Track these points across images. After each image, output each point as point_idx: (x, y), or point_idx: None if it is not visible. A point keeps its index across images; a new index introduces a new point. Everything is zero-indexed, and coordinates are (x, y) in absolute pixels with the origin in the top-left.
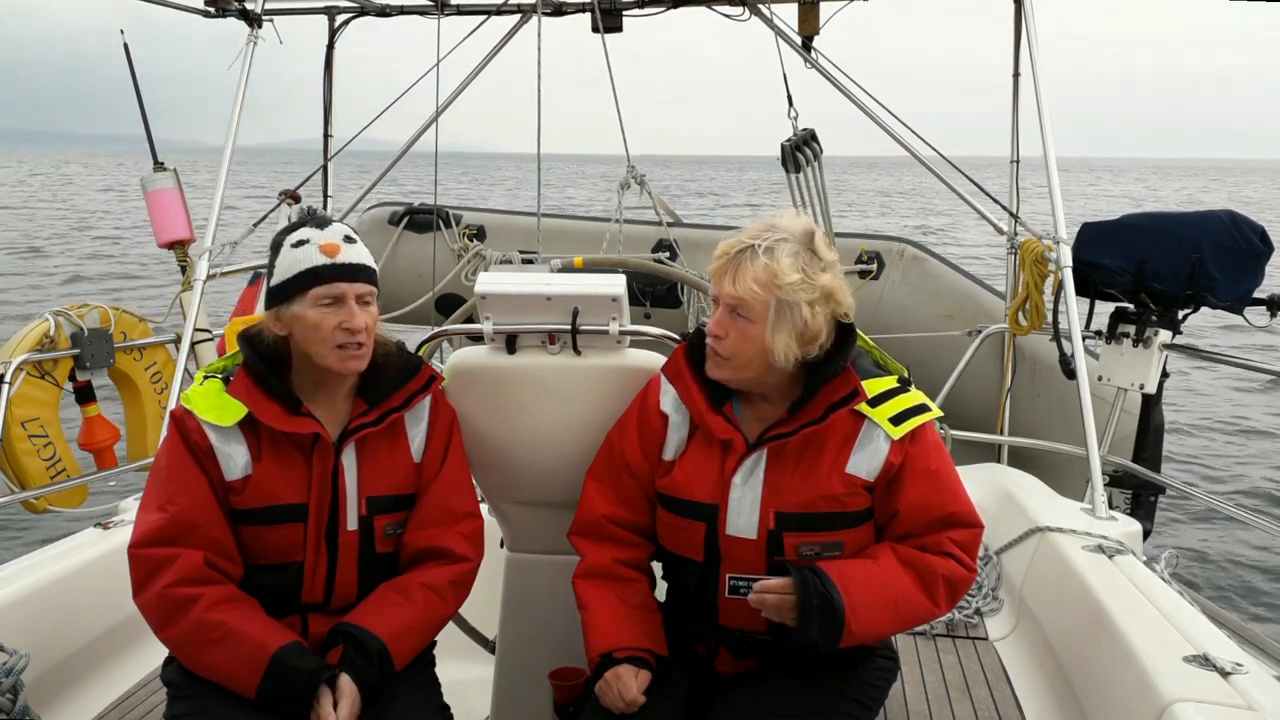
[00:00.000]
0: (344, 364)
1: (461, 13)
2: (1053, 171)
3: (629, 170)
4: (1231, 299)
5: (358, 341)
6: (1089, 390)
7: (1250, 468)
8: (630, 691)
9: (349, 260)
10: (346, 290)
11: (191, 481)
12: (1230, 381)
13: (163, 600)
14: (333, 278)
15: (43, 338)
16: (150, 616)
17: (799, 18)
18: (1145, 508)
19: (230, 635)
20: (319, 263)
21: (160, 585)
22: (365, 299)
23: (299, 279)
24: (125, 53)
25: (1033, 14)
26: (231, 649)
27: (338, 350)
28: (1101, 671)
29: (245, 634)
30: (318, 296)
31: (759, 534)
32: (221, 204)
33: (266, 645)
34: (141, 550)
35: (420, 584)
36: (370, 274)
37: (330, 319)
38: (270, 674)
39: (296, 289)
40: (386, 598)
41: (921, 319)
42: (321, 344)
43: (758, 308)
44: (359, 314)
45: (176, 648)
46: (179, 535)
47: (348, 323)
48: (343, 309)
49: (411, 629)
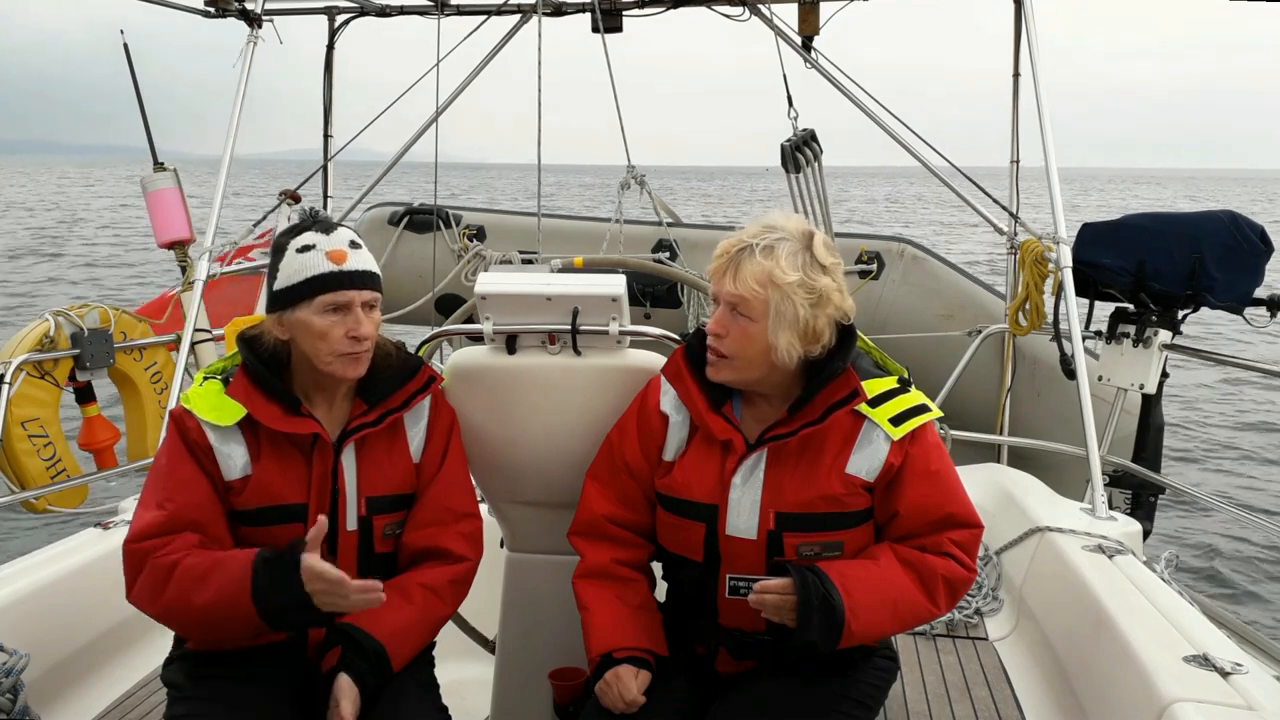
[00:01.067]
0: (347, 370)
1: (462, 13)
2: (1053, 171)
3: (629, 170)
4: (1231, 299)
5: (364, 349)
6: (1089, 390)
7: (1250, 468)
8: (630, 692)
9: (356, 267)
10: (354, 298)
11: (190, 480)
12: (1230, 382)
13: (151, 571)
14: (340, 285)
15: (43, 338)
16: (142, 596)
17: (799, 18)
18: (1145, 508)
19: (213, 567)
20: (326, 270)
21: (150, 560)
22: (370, 305)
23: (305, 285)
24: (125, 53)
25: (1033, 14)
26: (217, 575)
27: (342, 357)
28: (1101, 671)
29: (226, 557)
30: (324, 304)
31: (759, 534)
32: (221, 204)
33: (247, 554)
34: (136, 544)
35: (419, 584)
36: (375, 280)
37: (338, 327)
38: (257, 573)
39: (302, 295)
40: (390, 599)
41: (921, 319)
42: (327, 351)
43: (758, 306)
44: (365, 322)
45: (169, 609)
46: (176, 531)
47: (354, 330)
48: (349, 316)
49: (410, 629)
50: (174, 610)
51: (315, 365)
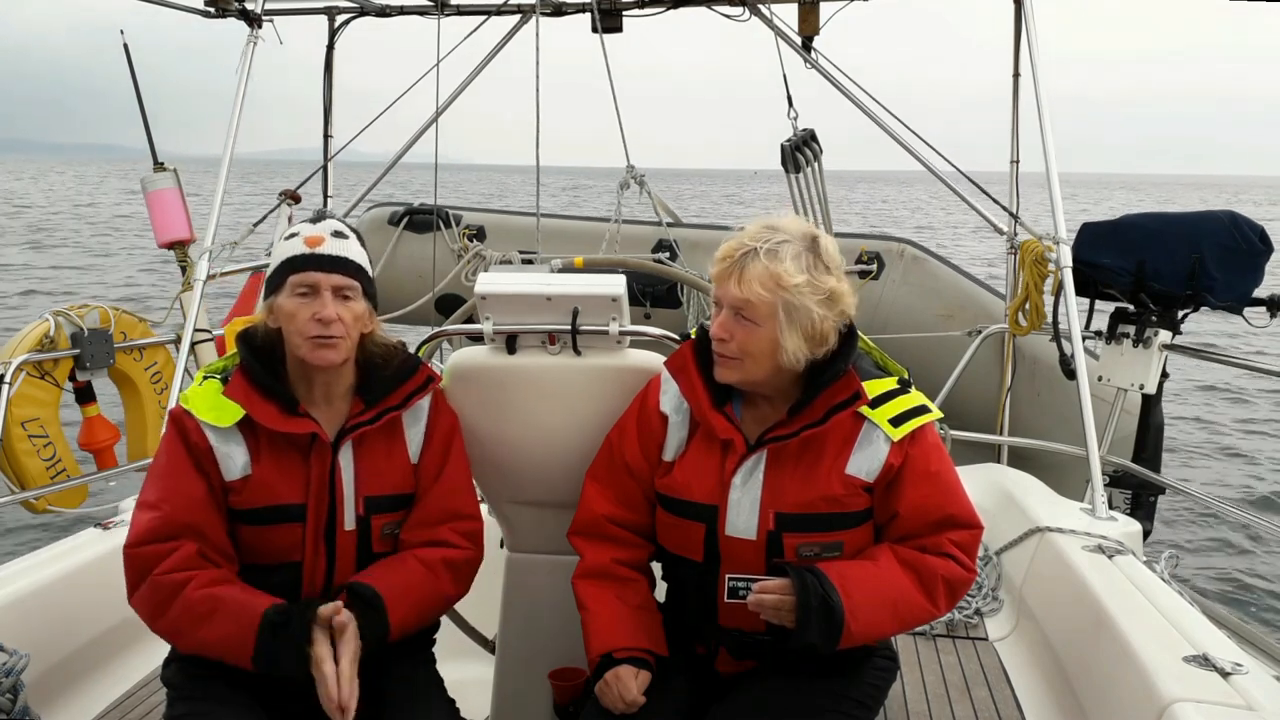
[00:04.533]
0: (315, 354)
1: (461, 13)
2: (1053, 171)
3: (629, 170)
4: (1231, 299)
5: (330, 334)
6: (1089, 390)
7: (1250, 468)
8: (630, 692)
9: (328, 252)
10: (321, 280)
11: (188, 481)
12: (1229, 381)
13: (154, 589)
14: (307, 267)
15: (43, 338)
16: (143, 610)
17: (799, 18)
18: (1145, 508)
19: (219, 607)
20: (297, 253)
21: (152, 576)
22: (343, 292)
23: (280, 269)
24: (125, 53)
25: (1033, 14)
26: (221, 620)
27: (310, 341)
28: (1101, 671)
29: (233, 600)
30: (294, 285)
31: (758, 535)
32: (222, 204)
33: (255, 608)
34: (137, 550)
35: (417, 557)
36: (349, 267)
37: (304, 309)
38: (263, 631)
39: (280, 279)
40: (385, 563)
41: (921, 319)
42: (296, 334)
43: (763, 309)
44: (330, 305)
45: (171, 633)
46: (174, 535)
47: (319, 313)
48: (316, 299)
49: (409, 591)
50: (173, 635)
51: (296, 354)
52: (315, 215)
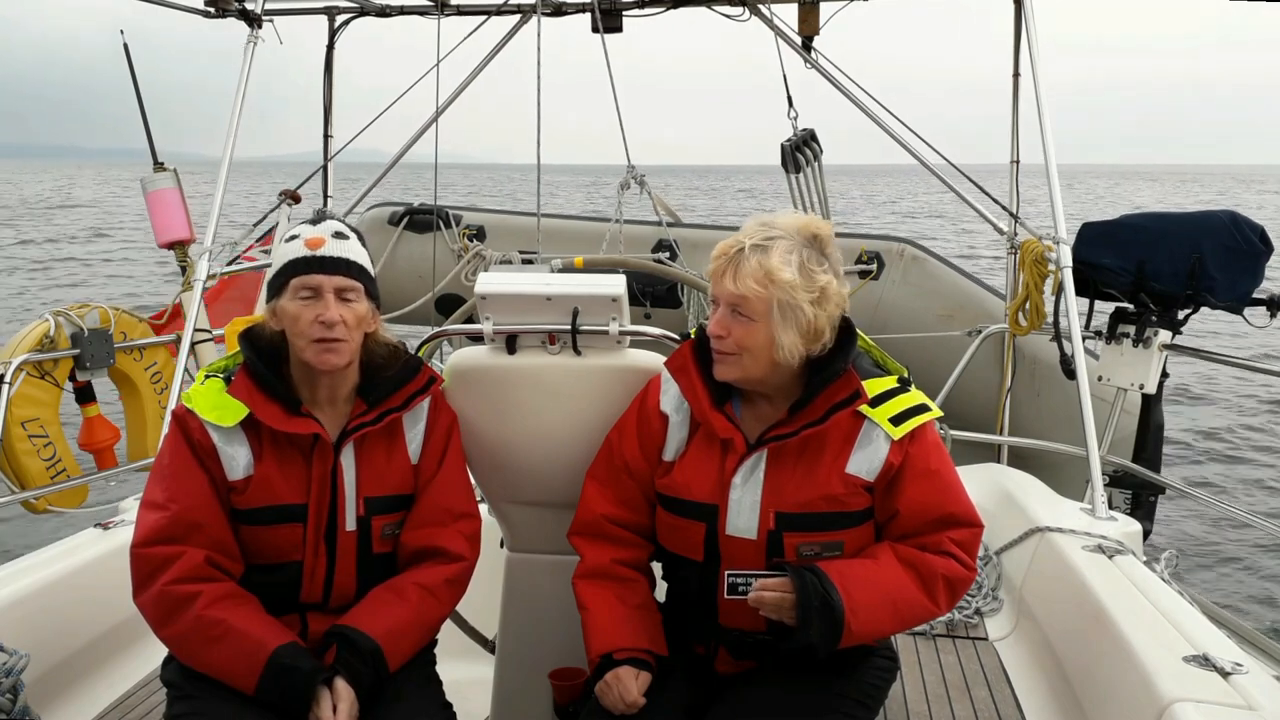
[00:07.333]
0: (319, 358)
1: (462, 13)
2: (1053, 171)
3: (628, 170)
4: (1231, 299)
5: (334, 336)
6: (1089, 390)
7: (1250, 468)
8: (630, 693)
9: (330, 254)
10: (323, 283)
11: (193, 480)
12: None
13: (162, 597)
14: (310, 269)
15: (43, 338)
16: (150, 615)
17: (799, 18)
18: (1145, 508)
19: (229, 633)
20: (299, 255)
21: (160, 583)
22: (346, 294)
23: (282, 271)
24: (125, 53)
25: (1033, 14)
26: (230, 647)
27: (314, 344)
28: (1101, 671)
29: (244, 632)
30: (296, 288)
31: (759, 534)
32: (222, 204)
33: (265, 644)
34: (144, 550)
35: (415, 584)
36: (352, 269)
37: (307, 312)
38: (268, 673)
39: (282, 281)
40: (380, 598)
41: (921, 319)
42: (299, 336)
43: (758, 306)
44: (333, 307)
45: (176, 645)
46: (181, 534)
47: (322, 316)
48: (319, 302)
49: (406, 629)
50: (177, 647)
51: (299, 357)
52: (315, 216)
